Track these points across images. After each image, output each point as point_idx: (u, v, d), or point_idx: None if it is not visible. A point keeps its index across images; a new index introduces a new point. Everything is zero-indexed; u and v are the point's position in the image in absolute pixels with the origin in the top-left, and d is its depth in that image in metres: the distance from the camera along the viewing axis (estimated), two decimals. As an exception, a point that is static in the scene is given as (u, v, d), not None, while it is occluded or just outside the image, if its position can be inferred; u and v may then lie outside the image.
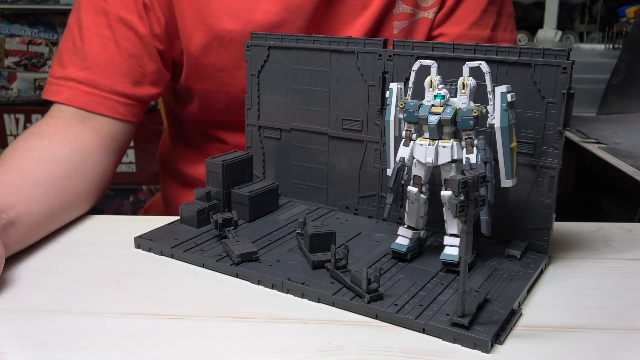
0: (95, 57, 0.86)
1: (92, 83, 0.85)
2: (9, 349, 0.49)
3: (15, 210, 0.67)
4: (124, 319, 0.54)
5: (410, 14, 0.91)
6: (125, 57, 0.86)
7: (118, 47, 0.86)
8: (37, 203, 0.70)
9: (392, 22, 0.91)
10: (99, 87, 0.85)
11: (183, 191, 1.05)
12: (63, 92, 0.86)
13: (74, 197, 0.77)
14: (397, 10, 0.90)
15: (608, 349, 0.50)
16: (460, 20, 0.94)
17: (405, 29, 0.92)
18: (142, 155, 2.38)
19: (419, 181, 0.62)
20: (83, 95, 0.85)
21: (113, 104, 0.86)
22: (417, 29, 0.93)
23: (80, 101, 0.85)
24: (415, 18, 0.92)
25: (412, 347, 0.50)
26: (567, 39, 2.12)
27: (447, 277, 0.60)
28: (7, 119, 2.32)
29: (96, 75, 0.85)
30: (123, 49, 0.86)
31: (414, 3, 0.92)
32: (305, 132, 0.79)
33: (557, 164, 0.64)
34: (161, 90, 0.92)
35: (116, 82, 0.86)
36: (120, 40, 0.86)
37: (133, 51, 0.87)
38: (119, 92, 0.86)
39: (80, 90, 0.85)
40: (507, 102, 0.59)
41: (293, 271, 0.61)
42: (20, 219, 0.66)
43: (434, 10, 0.93)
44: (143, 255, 0.68)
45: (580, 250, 0.70)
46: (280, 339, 0.51)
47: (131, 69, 0.87)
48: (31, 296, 0.58)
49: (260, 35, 0.79)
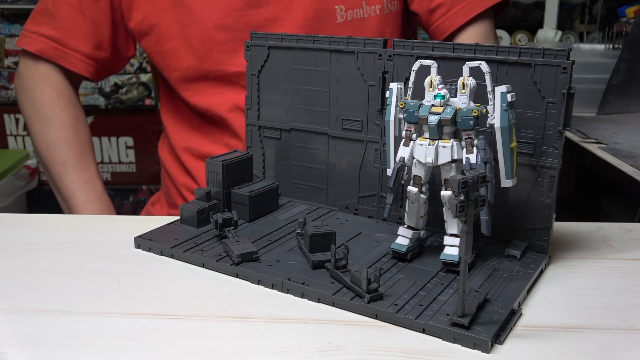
0: (63, 21, 1.04)
1: (59, 41, 1.04)
2: (9, 349, 0.49)
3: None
4: (124, 319, 0.54)
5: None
6: (88, 24, 1.04)
7: (83, 15, 1.03)
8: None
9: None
10: (64, 45, 1.04)
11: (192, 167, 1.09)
12: (35, 44, 1.05)
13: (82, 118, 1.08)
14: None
15: (608, 349, 0.50)
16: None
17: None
18: (142, 155, 2.37)
19: (419, 181, 0.62)
20: (51, 49, 1.04)
21: (73, 59, 1.05)
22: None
23: (48, 53, 1.04)
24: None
25: (412, 347, 0.50)
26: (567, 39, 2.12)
27: (447, 277, 0.60)
28: (7, 119, 2.32)
29: (63, 35, 1.04)
30: (87, 17, 1.03)
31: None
32: (305, 132, 0.79)
33: (557, 164, 0.64)
34: (112, 55, 1.08)
35: (78, 43, 1.04)
36: (85, 10, 1.03)
37: (95, 20, 1.04)
38: (79, 51, 1.04)
39: (49, 45, 1.04)
40: (507, 102, 0.59)
41: (293, 271, 0.61)
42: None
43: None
44: (143, 255, 0.68)
45: (580, 250, 0.70)
46: (280, 339, 0.51)
47: (92, 34, 1.04)
48: (31, 296, 0.58)
49: (260, 35, 0.79)
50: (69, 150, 1.03)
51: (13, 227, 0.76)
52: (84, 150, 1.05)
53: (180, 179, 1.10)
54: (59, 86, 1.06)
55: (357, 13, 0.99)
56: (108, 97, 2.29)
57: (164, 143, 1.16)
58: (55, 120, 1.04)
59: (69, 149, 1.03)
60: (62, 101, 1.05)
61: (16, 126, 2.34)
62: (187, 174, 1.09)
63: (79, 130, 1.05)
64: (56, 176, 1.04)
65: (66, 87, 1.07)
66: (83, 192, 1.02)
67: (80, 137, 1.05)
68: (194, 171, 1.07)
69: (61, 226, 0.77)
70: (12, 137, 2.34)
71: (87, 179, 1.03)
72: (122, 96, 2.29)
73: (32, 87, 1.06)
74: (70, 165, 1.03)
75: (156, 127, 2.32)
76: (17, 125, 2.34)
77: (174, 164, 1.12)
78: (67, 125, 1.04)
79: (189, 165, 1.08)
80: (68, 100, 1.06)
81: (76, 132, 1.05)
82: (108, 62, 1.08)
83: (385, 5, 1.00)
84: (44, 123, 1.04)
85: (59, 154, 1.03)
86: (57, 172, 1.03)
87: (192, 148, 1.08)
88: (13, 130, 2.33)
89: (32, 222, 0.78)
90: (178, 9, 0.99)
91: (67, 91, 1.06)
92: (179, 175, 1.11)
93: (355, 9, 0.99)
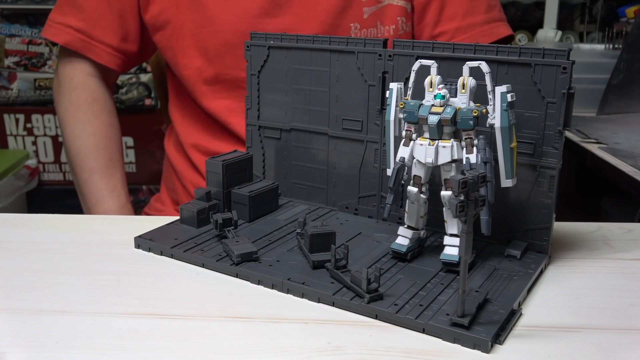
0: (90, 12, 1.03)
1: (85, 32, 1.04)
2: (9, 349, 0.49)
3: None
4: (124, 319, 0.54)
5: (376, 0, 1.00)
6: (115, 15, 1.03)
7: (109, 6, 1.03)
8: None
9: (361, 8, 0.99)
10: (91, 37, 1.04)
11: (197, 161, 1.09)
12: (62, 35, 1.04)
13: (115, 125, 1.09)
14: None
15: (608, 349, 0.50)
16: (452, 16, 1.01)
17: (374, 14, 0.99)
18: (142, 155, 2.37)
19: (419, 181, 0.62)
20: (77, 40, 1.04)
21: (100, 52, 1.05)
22: (385, 14, 1.00)
23: (75, 45, 1.04)
24: (382, 4, 1.00)
25: (412, 347, 0.50)
26: (567, 39, 2.12)
27: (447, 277, 0.60)
28: (7, 119, 2.31)
29: (89, 27, 1.03)
30: (114, 8, 1.03)
31: None
32: (305, 132, 0.79)
33: (557, 164, 0.64)
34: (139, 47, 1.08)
35: (105, 35, 1.04)
36: (111, 1, 1.03)
37: (121, 11, 1.03)
38: (106, 43, 1.04)
39: (76, 37, 1.04)
40: (507, 102, 0.59)
41: (293, 271, 0.61)
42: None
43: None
44: (143, 255, 0.68)
45: (580, 250, 0.70)
46: (280, 339, 0.51)
47: (119, 26, 1.04)
48: (31, 296, 0.58)
49: (260, 35, 0.79)
50: (98, 157, 1.04)
51: (13, 227, 0.76)
52: (112, 158, 1.05)
53: (187, 175, 1.10)
54: (95, 92, 1.06)
55: (371, 32, 1.00)
56: (108, 97, 2.28)
57: (171, 139, 1.16)
58: (87, 126, 1.05)
59: (97, 156, 1.04)
60: (96, 107, 1.06)
61: (16, 126, 2.34)
62: (195, 170, 1.10)
63: (110, 137, 1.06)
64: (82, 183, 1.05)
65: (102, 93, 1.07)
66: (106, 200, 1.03)
67: (111, 145, 1.06)
68: (202, 167, 1.07)
69: (61, 226, 0.77)
70: (12, 137, 2.34)
71: (112, 188, 1.04)
72: (122, 96, 2.29)
73: (69, 90, 1.06)
74: (97, 173, 1.04)
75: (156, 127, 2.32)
76: (17, 125, 2.34)
77: (180, 160, 1.12)
78: (99, 132, 1.05)
79: (197, 162, 1.09)
80: (102, 107, 1.06)
81: (107, 139, 1.06)
82: (135, 54, 1.09)
83: (400, 26, 1.01)
84: (76, 128, 1.05)
85: (88, 160, 1.04)
86: (84, 178, 1.04)
87: (199, 145, 1.08)
88: (13, 130, 2.33)
89: (32, 222, 0.78)
90: (195, 7, 1.00)
91: (103, 97, 1.07)
92: (186, 171, 1.11)
93: (370, 28, 1.00)
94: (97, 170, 1.04)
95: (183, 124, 1.11)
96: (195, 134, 1.09)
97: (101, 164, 1.04)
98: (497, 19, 1.05)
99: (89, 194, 1.03)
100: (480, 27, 1.03)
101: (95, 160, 1.04)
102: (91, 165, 1.04)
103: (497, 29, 1.04)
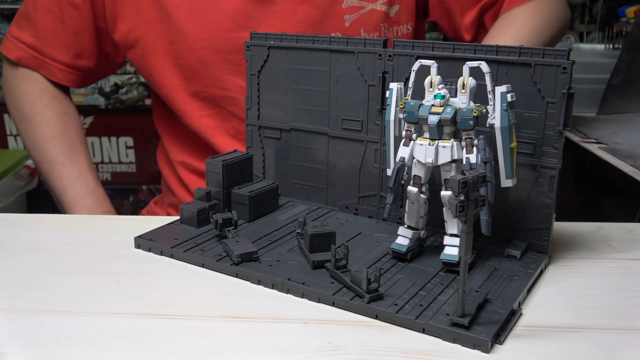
0: (43, 29, 1.01)
1: (38, 49, 1.02)
2: (9, 349, 0.49)
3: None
4: (124, 319, 0.54)
5: (358, 7, 0.96)
6: (69, 32, 1.01)
7: (63, 23, 1.01)
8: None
9: (342, 16, 0.96)
10: (43, 54, 1.02)
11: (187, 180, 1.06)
12: (15, 51, 1.04)
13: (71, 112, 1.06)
14: (347, 4, 0.96)
15: (608, 349, 0.50)
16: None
17: (356, 21, 0.96)
18: (142, 155, 2.37)
19: (419, 181, 0.62)
20: (30, 57, 1.03)
21: (53, 69, 1.03)
22: (368, 20, 0.97)
23: (27, 62, 1.03)
24: (364, 11, 0.97)
25: (412, 347, 0.50)
26: (567, 39, 2.11)
27: (447, 277, 0.60)
28: (7, 119, 2.31)
29: (42, 44, 1.02)
30: (67, 26, 1.01)
31: None
32: (305, 132, 0.79)
33: (557, 164, 0.64)
34: (97, 63, 1.05)
35: (58, 52, 1.02)
36: (65, 19, 1.00)
37: (76, 29, 1.01)
38: (59, 60, 1.03)
39: (29, 53, 1.03)
40: (507, 102, 0.59)
41: (293, 271, 0.61)
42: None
43: (381, 1, 0.97)
44: (143, 255, 0.68)
45: (580, 250, 0.70)
46: (280, 339, 0.51)
47: (72, 43, 1.02)
48: (31, 296, 0.58)
49: (260, 35, 0.79)
50: (56, 146, 1.01)
51: (13, 227, 0.76)
52: (72, 145, 1.02)
53: (179, 193, 1.07)
54: (40, 84, 1.03)
55: None
56: (108, 97, 2.28)
57: (162, 153, 1.12)
58: (38, 118, 1.02)
59: (55, 145, 1.01)
60: (45, 98, 1.03)
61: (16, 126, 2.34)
62: (185, 188, 1.06)
63: (66, 124, 1.03)
64: (45, 174, 1.02)
65: (49, 85, 1.04)
66: (73, 187, 0.99)
67: (69, 132, 1.03)
68: (191, 186, 1.04)
69: (61, 226, 0.77)
70: (12, 137, 2.34)
71: (77, 174, 1.00)
72: (122, 96, 2.29)
73: (14, 87, 1.04)
74: (57, 162, 1.00)
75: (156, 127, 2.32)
76: (17, 125, 2.34)
77: (171, 175, 1.09)
78: (52, 122, 1.02)
79: (186, 180, 1.05)
80: (52, 96, 1.03)
81: (63, 126, 1.02)
82: (93, 69, 1.06)
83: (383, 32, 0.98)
84: (26, 122, 1.03)
85: (45, 151, 1.01)
86: (46, 170, 1.01)
87: (187, 163, 1.05)
88: (13, 130, 2.33)
89: (32, 222, 0.78)
90: (166, 24, 0.96)
91: (52, 88, 1.04)
92: (178, 189, 1.07)
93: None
94: (57, 159, 1.00)
95: (171, 140, 1.07)
96: (183, 151, 1.06)
97: (61, 152, 1.00)
98: None
99: (54, 185, 1.01)
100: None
101: (54, 150, 1.01)
102: (50, 155, 1.00)
103: None
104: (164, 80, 0.99)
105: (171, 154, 1.07)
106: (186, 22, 0.95)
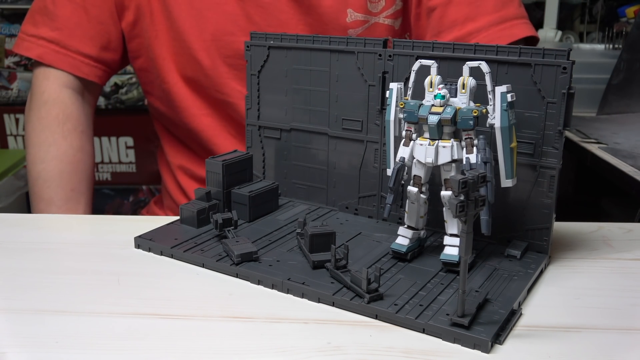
0: (65, 20, 0.94)
1: (60, 43, 0.94)
2: (9, 349, 0.49)
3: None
4: (124, 319, 0.54)
5: (362, 20, 0.93)
6: (93, 22, 0.94)
7: (86, 12, 0.94)
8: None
9: (346, 30, 0.93)
10: (67, 47, 0.94)
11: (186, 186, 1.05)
12: (34, 48, 0.94)
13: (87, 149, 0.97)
14: (351, 19, 0.93)
15: (608, 349, 0.50)
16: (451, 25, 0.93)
17: (360, 35, 0.93)
18: (142, 155, 2.37)
19: (419, 181, 0.62)
20: (52, 53, 0.94)
21: (78, 63, 0.95)
22: (373, 34, 0.94)
23: (49, 58, 0.94)
24: (368, 24, 0.94)
25: (412, 347, 0.50)
26: (567, 39, 2.11)
27: (447, 277, 0.60)
28: (7, 119, 2.31)
29: (65, 37, 0.94)
30: (91, 15, 0.94)
31: (365, 10, 0.93)
32: (305, 132, 0.79)
33: (557, 164, 0.64)
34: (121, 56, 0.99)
35: (83, 44, 0.94)
36: (88, 7, 0.94)
37: (100, 18, 0.94)
38: (84, 54, 0.95)
39: (50, 49, 0.94)
40: (507, 102, 0.59)
41: (293, 271, 0.61)
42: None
43: (385, 14, 0.94)
44: (143, 255, 0.68)
45: (580, 250, 0.70)
46: (280, 339, 0.51)
47: (98, 34, 0.95)
48: (31, 296, 0.58)
49: (260, 35, 0.79)
50: (59, 186, 0.92)
51: (13, 227, 0.76)
52: (75, 189, 0.94)
53: (177, 197, 1.05)
54: (68, 108, 0.95)
55: None
56: (108, 97, 2.28)
57: (162, 157, 1.10)
58: (53, 149, 0.93)
59: (58, 184, 0.92)
60: (67, 126, 0.94)
61: (16, 126, 2.33)
62: (183, 194, 1.04)
63: (77, 163, 0.94)
64: (37, 212, 0.93)
65: (76, 110, 0.96)
66: None
67: (77, 173, 0.94)
68: (190, 191, 1.02)
69: (61, 226, 0.77)
70: (12, 137, 2.34)
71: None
72: (122, 96, 2.29)
73: (39, 105, 0.95)
74: (54, 205, 0.92)
75: (156, 127, 2.32)
76: (17, 125, 2.34)
77: (171, 180, 1.07)
78: (65, 157, 0.93)
79: (184, 185, 1.03)
80: (74, 126, 0.95)
81: (73, 165, 0.94)
82: (117, 64, 0.99)
83: None
84: (40, 150, 0.93)
85: (46, 188, 0.92)
86: (40, 209, 0.93)
87: (186, 167, 1.03)
88: (13, 130, 2.33)
89: (32, 222, 0.78)
90: (167, 20, 0.94)
91: (76, 115, 0.95)
92: (176, 194, 1.06)
93: None
94: (55, 202, 0.92)
95: (169, 143, 1.06)
96: (181, 155, 1.03)
97: (61, 195, 0.92)
98: (512, 17, 0.91)
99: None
100: (486, 31, 0.91)
101: (55, 190, 0.92)
102: (49, 195, 0.92)
103: (510, 29, 0.90)
104: (165, 75, 0.97)
105: (170, 157, 1.06)
106: (186, 23, 0.94)
